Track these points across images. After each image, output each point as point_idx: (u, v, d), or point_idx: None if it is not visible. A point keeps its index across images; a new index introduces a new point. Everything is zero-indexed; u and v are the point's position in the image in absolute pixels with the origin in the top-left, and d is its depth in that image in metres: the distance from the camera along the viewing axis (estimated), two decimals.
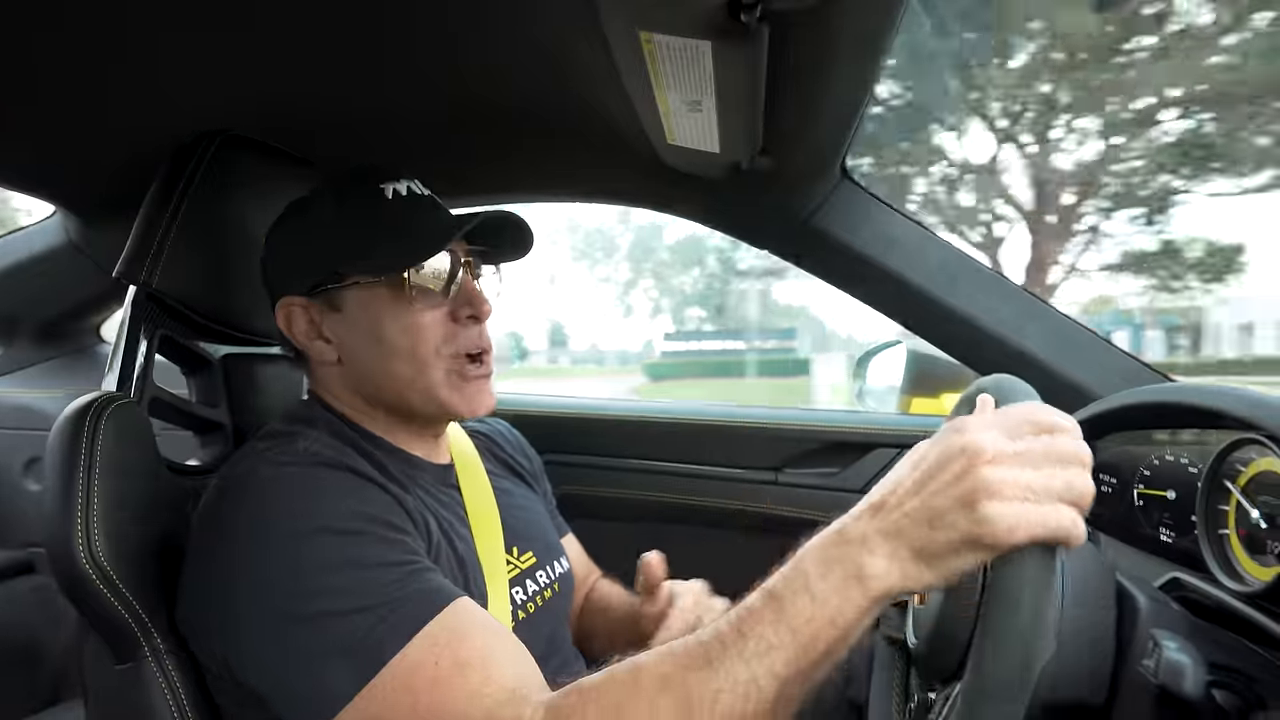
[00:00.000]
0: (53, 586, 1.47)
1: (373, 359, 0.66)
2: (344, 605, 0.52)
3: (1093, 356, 0.95)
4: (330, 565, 0.53)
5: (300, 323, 0.67)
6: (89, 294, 1.35)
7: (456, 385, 0.66)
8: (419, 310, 0.65)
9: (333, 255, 0.65)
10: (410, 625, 0.52)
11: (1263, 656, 0.54)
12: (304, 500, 0.56)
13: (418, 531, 0.60)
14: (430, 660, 0.51)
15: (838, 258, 1.01)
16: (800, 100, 0.75)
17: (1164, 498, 0.73)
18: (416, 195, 0.68)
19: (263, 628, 0.53)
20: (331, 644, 0.51)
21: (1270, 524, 0.59)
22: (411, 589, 0.53)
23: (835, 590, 0.45)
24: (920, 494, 0.45)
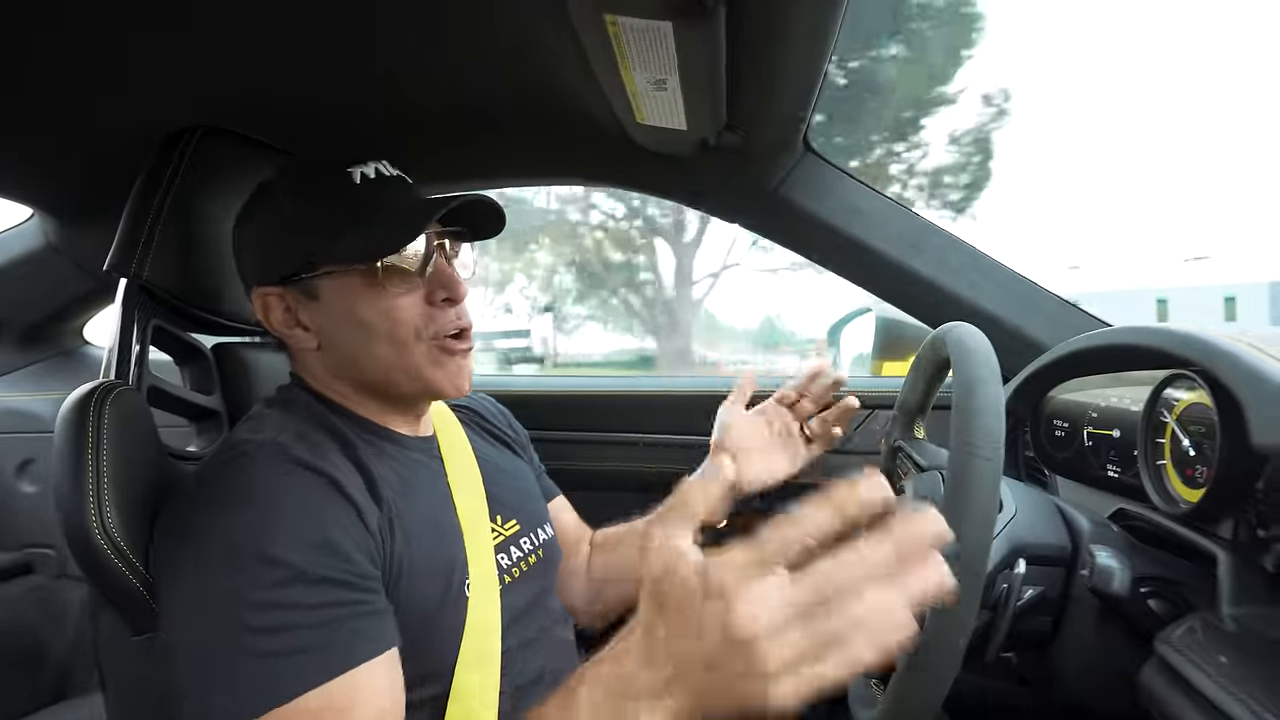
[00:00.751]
0: (51, 587, 1.49)
1: (353, 344, 0.66)
2: (253, 644, 0.51)
3: (1046, 312, 1.00)
4: (258, 599, 0.52)
5: (277, 312, 0.67)
6: (71, 295, 1.36)
7: (440, 362, 0.67)
8: (394, 295, 0.64)
9: (303, 244, 0.65)
10: (304, 681, 0.51)
11: (1192, 569, 0.60)
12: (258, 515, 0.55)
13: (375, 541, 0.59)
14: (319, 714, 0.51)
15: (804, 228, 1.05)
16: (760, 76, 0.79)
17: (1110, 436, 0.79)
18: (385, 177, 0.67)
19: (186, 625, 0.55)
20: (227, 672, 0.51)
21: (1199, 451, 0.64)
22: (329, 638, 0.53)
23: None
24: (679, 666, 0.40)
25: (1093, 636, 0.60)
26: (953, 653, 0.49)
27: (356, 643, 0.54)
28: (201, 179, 0.78)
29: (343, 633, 0.54)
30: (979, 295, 1.02)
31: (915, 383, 0.80)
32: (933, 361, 0.76)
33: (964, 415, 0.52)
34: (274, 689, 0.51)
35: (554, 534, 0.83)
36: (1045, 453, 0.90)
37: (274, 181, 0.69)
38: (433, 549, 0.65)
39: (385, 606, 0.58)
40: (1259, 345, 0.55)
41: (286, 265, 0.65)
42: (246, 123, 0.84)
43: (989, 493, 0.50)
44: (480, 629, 0.65)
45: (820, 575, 0.37)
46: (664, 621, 0.40)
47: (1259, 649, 0.49)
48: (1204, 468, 0.63)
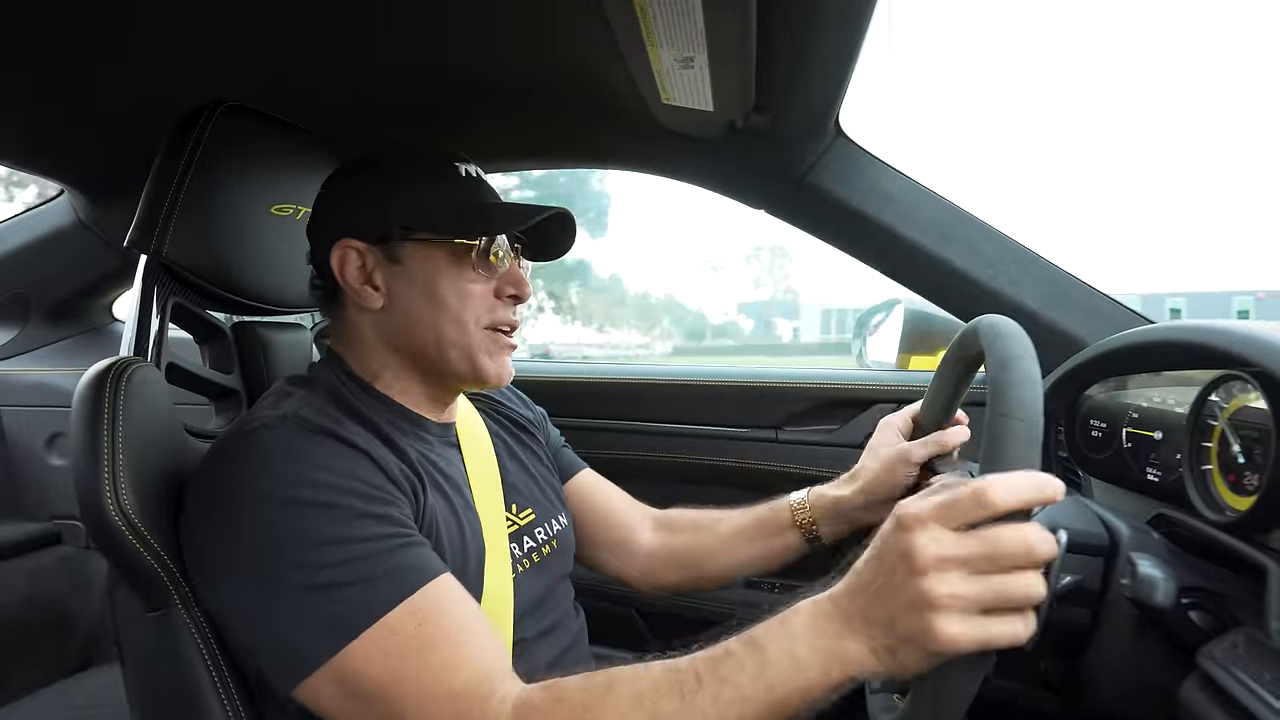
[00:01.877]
0: (80, 557, 1.53)
1: (421, 312, 0.68)
2: (320, 579, 0.53)
3: (1084, 305, 0.96)
4: (308, 540, 0.54)
5: (353, 266, 0.69)
6: (100, 272, 1.38)
7: (491, 352, 0.70)
8: (472, 279, 0.68)
9: (406, 210, 0.68)
10: (391, 597, 0.53)
11: (1237, 581, 0.56)
12: (278, 466, 0.57)
13: (405, 497, 0.61)
14: (410, 627, 0.53)
15: (833, 215, 1.02)
16: (792, 54, 0.76)
17: (1151, 438, 0.75)
18: (482, 179, 0.72)
19: (239, 592, 0.57)
20: (307, 615, 0.53)
21: (1248, 457, 0.61)
22: (393, 563, 0.55)
23: (818, 662, 0.46)
24: (873, 590, 0.46)
25: (1129, 646, 0.57)
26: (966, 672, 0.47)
27: (422, 562, 0.57)
28: (222, 156, 0.78)
29: (405, 555, 0.56)
30: (1014, 288, 0.98)
31: (940, 388, 0.77)
32: (960, 360, 0.73)
33: (998, 388, 0.50)
34: (362, 611, 0.53)
35: (569, 523, 0.82)
36: (1080, 454, 0.87)
37: (380, 155, 0.72)
38: (451, 534, 0.65)
39: (427, 542, 0.60)
40: None
41: (382, 225, 0.68)
42: (269, 100, 0.84)
43: (1027, 455, 0.47)
44: (493, 618, 0.64)
45: (991, 540, 0.43)
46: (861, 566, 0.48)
47: None
48: (1255, 474, 0.60)
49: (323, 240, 0.70)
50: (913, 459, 0.79)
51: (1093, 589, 0.58)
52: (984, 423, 0.50)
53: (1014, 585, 0.43)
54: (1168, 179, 26.53)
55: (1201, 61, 78.91)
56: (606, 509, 0.91)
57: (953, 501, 0.44)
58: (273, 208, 0.83)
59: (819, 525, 0.85)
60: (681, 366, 1.35)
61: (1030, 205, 18.20)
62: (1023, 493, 0.44)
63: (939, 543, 0.44)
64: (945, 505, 0.45)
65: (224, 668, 0.64)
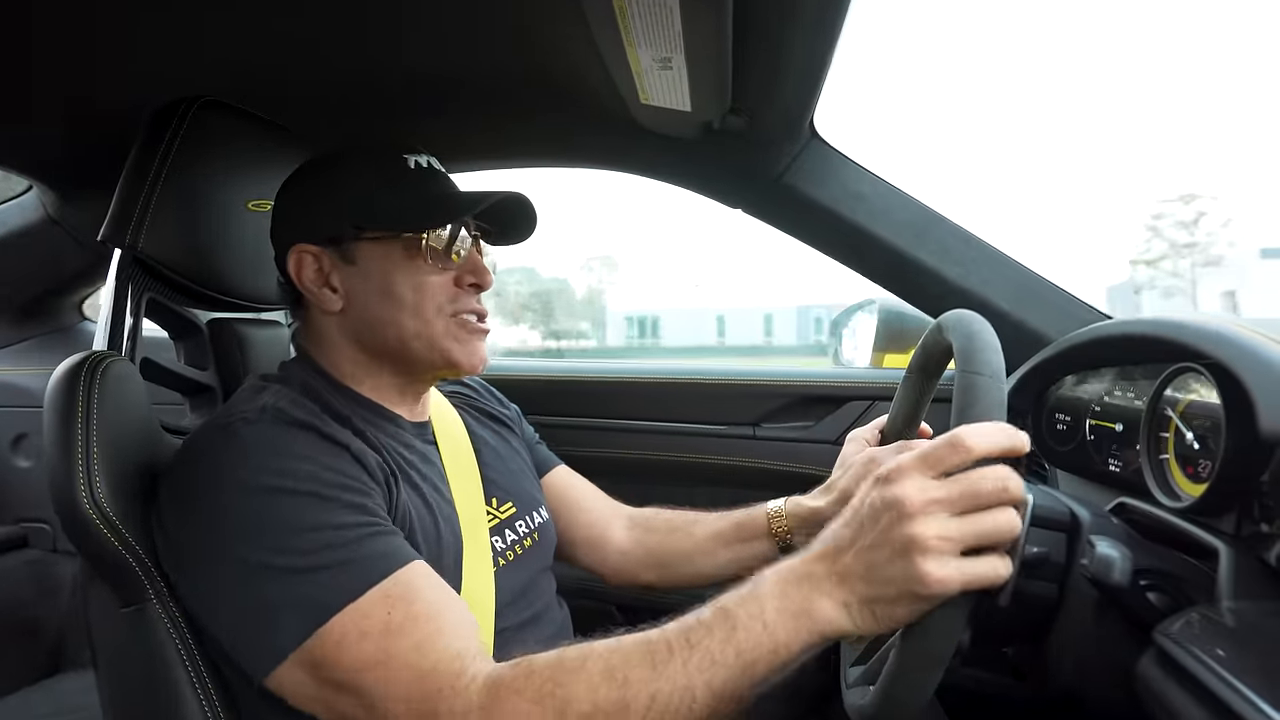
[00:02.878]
0: (47, 561, 1.50)
1: (380, 311, 0.68)
2: (296, 564, 0.54)
3: (1051, 304, 0.99)
4: (285, 526, 0.55)
5: (310, 270, 0.69)
6: (69, 269, 1.35)
7: (459, 338, 0.69)
8: (428, 271, 0.68)
9: (354, 209, 0.68)
10: (362, 582, 0.54)
11: (1192, 564, 0.59)
12: (259, 457, 0.57)
13: (379, 489, 0.62)
14: (381, 612, 0.53)
15: (808, 215, 1.04)
16: (767, 57, 0.77)
17: (1113, 430, 0.78)
18: (435, 169, 0.72)
19: (214, 581, 0.57)
20: (279, 600, 0.54)
21: (1203, 445, 0.63)
22: (365, 550, 0.55)
23: (787, 624, 0.48)
24: (857, 547, 0.48)
25: (1090, 627, 0.59)
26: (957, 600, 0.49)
27: (393, 549, 0.57)
28: (198, 151, 0.78)
29: (377, 543, 0.57)
30: (984, 287, 1.00)
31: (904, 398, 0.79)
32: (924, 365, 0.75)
33: (966, 354, 0.54)
34: (337, 591, 0.53)
35: (549, 517, 0.83)
36: (1046, 446, 0.90)
37: (330, 155, 0.73)
38: (428, 529, 0.65)
39: (400, 532, 0.60)
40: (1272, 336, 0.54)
41: (333, 227, 0.69)
42: (244, 96, 0.83)
43: (995, 409, 0.50)
44: (473, 611, 0.64)
45: (972, 480, 0.46)
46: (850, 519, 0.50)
47: (1258, 642, 0.49)
48: (1208, 462, 0.62)
49: (281, 246, 0.71)
50: (880, 461, 0.80)
51: (1058, 562, 0.60)
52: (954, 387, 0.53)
53: (995, 521, 0.46)
54: None
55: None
56: (580, 505, 0.92)
57: (930, 450, 0.48)
58: (250, 203, 0.83)
59: (794, 535, 0.85)
60: (658, 364, 1.37)
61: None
62: (995, 437, 0.47)
63: (924, 488, 0.46)
64: (924, 454, 0.48)
65: (200, 664, 0.63)
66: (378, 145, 0.72)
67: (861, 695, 0.59)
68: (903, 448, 0.81)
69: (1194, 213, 23.20)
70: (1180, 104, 67.91)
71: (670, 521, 0.93)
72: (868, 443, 0.84)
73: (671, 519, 0.93)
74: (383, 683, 0.52)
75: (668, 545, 0.90)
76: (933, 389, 0.78)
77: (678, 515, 0.93)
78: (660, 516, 0.94)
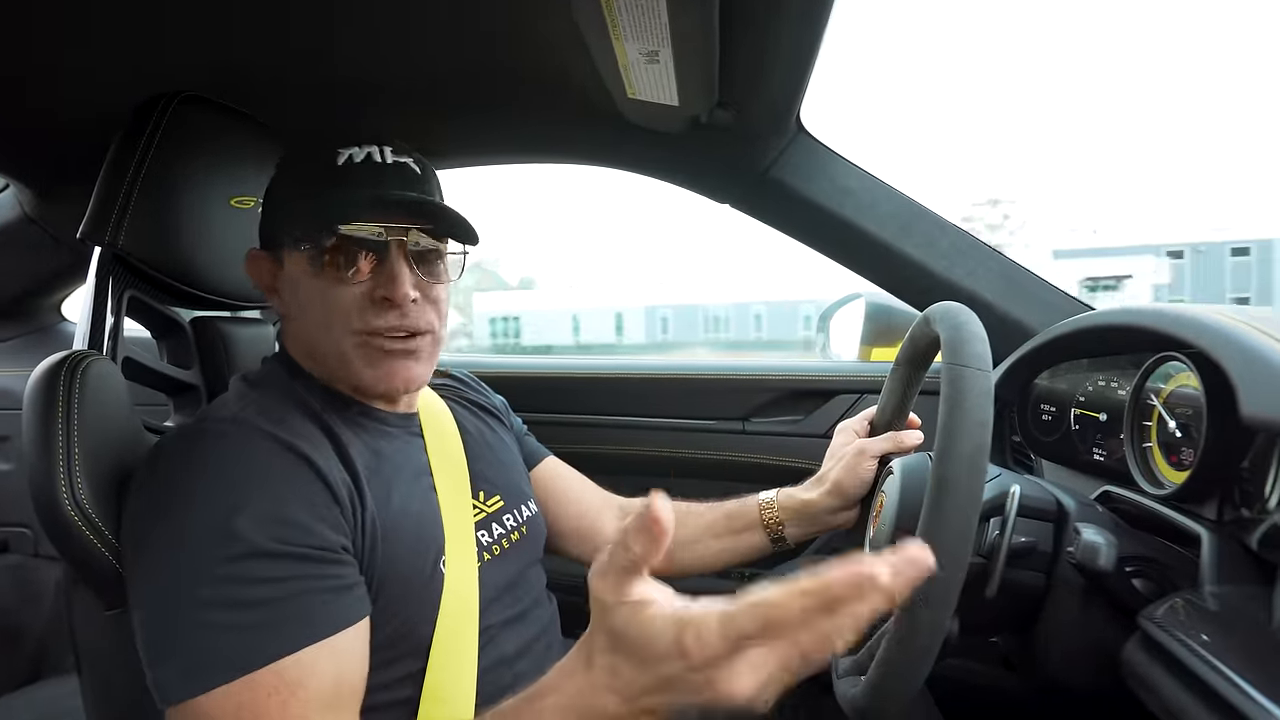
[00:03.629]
0: (28, 566, 1.47)
1: (302, 320, 0.67)
2: (207, 618, 0.51)
3: (1036, 297, 1.00)
4: (214, 565, 0.52)
5: (262, 274, 0.69)
6: (48, 269, 1.33)
7: (371, 359, 0.65)
8: (331, 283, 0.63)
9: (278, 215, 0.67)
10: (269, 650, 0.51)
11: (1176, 550, 0.60)
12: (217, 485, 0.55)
13: (341, 510, 0.59)
14: (263, 694, 0.50)
15: (795, 210, 1.04)
16: (754, 50, 0.77)
17: (1097, 420, 0.79)
18: (375, 163, 0.65)
19: (138, 588, 0.55)
20: (181, 643, 0.52)
21: (1185, 433, 0.64)
22: (286, 612, 0.52)
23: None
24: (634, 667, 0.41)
25: (1077, 615, 0.60)
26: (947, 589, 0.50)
27: (315, 619, 0.54)
28: (179, 147, 0.76)
29: (300, 608, 0.53)
30: (970, 279, 1.01)
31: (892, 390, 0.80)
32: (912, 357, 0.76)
33: (952, 346, 0.54)
34: (227, 662, 0.51)
35: (538, 510, 0.82)
36: (1031, 436, 0.91)
37: (287, 151, 0.72)
38: (407, 525, 0.64)
39: (353, 579, 0.58)
40: (1252, 323, 0.54)
41: (268, 230, 0.69)
42: (225, 92, 0.82)
43: (983, 398, 0.51)
44: (457, 606, 0.64)
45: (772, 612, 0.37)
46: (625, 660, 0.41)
47: (1240, 625, 0.49)
48: (1190, 450, 0.63)
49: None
50: (870, 452, 0.81)
51: (1045, 551, 0.61)
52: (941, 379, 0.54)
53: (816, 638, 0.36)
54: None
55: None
56: (569, 496, 0.92)
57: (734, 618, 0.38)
58: (233, 200, 0.82)
59: (785, 526, 0.86)
60: (647, 360, 1.37)
61: None
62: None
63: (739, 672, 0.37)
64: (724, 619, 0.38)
65: None
66: (314, 140, 0.67)
67: (852, 685, 0.60)
68: (894, 439, 0.82)
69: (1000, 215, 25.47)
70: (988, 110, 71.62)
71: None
72: (857, 434, 0.85)
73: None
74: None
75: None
76: (920, 380, 0.78)
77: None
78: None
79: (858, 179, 1.02)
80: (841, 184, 1.02)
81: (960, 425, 0.51)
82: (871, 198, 1.02)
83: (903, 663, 0.51)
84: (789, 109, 0.93)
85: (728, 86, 0.84)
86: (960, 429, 0.51)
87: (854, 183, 1.02)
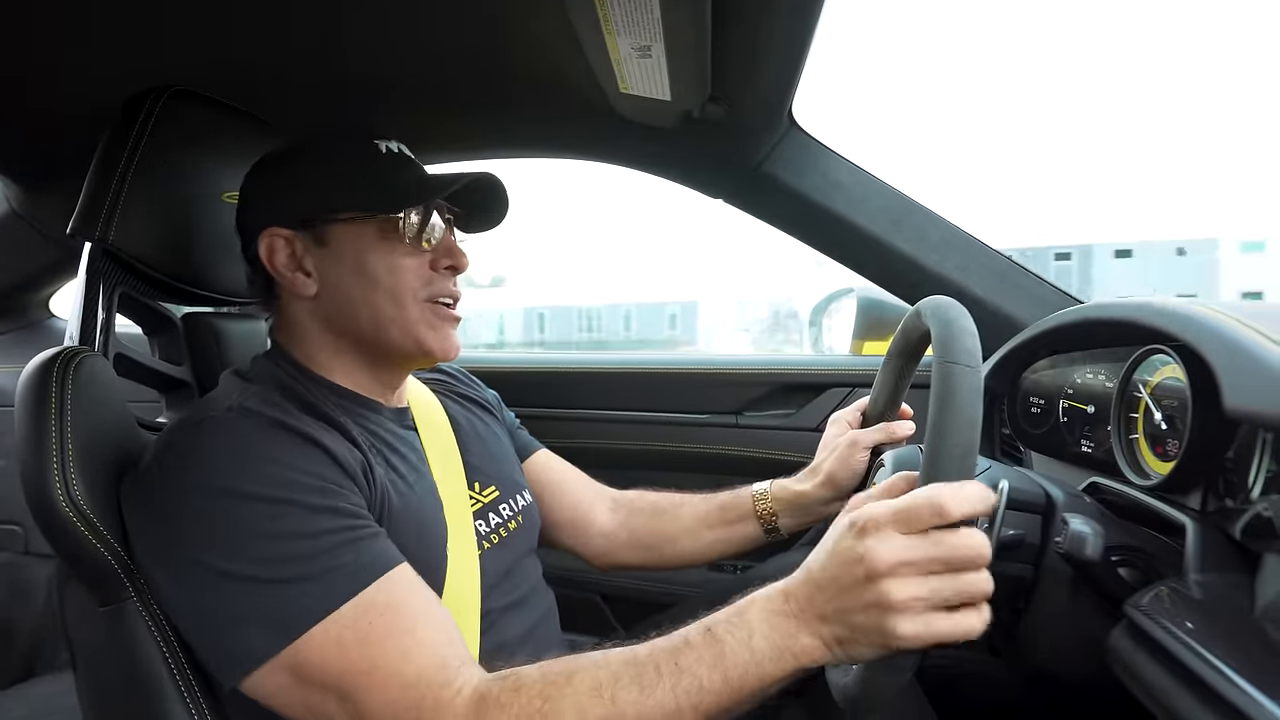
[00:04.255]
0: (19, 563, 1.46)
1: (354, 293, 0.67)
2: (261, 574, 0.53)
3: (1026, 290, 1.01)
4: (257, 534, 0.54)
5: (282, 254, 0.68)
6: (36, 265, 1.32)
7: (433, 324, 0.69)
8: (404, 253, 0.67)
9: (328, 191, 0.67)
10: (342, 592, 0.53)
11: (1161, 540, 0.61)
12: (226, 459, 0.56)
13: (356, 485, 0.61)
14: (363, 622, 0.53)
15: (787, 204, 1.05)
16: (746, 45, 0.77)
17: (1085, 412, 0.80)
18: (406, 155, 0.71)
19: (183, 584, 0.56)
20: (255, 609, 0.53)
21: (1170, 425, 0.65)
22: (344, 558, 0.55)
23: (771, 654, 0.49)
24: (830, 592, 0.48)
25: (1064, 605, 0.61)
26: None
27: (375, 554, 0.56)
28: (170, 141, 0.76)
29: (357, 550, 0.55)
30: (961, 273, 1.02)
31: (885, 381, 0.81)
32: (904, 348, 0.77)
33: (943, 342, 0.55)
34: (308, 608, 0.52)
35: (533, 500, 0.83)
36: (1020, 429, 0.92)
37: (299, 141, 0.72)
38: (411, 513, 0.65)
39: (382, 531, 0.59)
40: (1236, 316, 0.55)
41: (306, 209, 0.68)
42: (217, 86, 0.82)
43: (973, 395, 0.51)
44: (459, 594, 0.65)
45: (947, 545, 0.46)
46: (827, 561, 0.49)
47: (1224, 613, 0.50)
48: (1175, 441, 0.64)
49: (251, 232, 0.70)
50: (863, 443, 0.82)
51: (1033, 544, 0.62)
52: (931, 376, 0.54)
53: (967, 583, 0.46)
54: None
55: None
56: (561, 488, 0.92)
57: (908, 507, 0.47)
58: (225, 195, 0.81)
59: (779, 517, 0.87)
60: (639, 355, 1.37)
61: None
62: (973, 502, 0.47)
63: (895, 548, 0.46)
64: (901, 511, 0.47)
65: (183, 659, 0.62)
66: (348, 131, 0.71)
67: (844, 674, 0.61)
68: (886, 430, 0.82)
69: None
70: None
71: (655, 504, 0.94)
72: (849, 425, 0.86)
73: (656, 501, 0.94)
74: (367, 689, 0.52)
75: (652, 527, 0.91)
76: (912, 371, 0.79)
77: (662, 497, 0.94)
78: (644, 499, 0.95)
79: (849, 174, 1.03)
80: (833, 178, 1.02)
81: (950, 424, 0.51)
82: (863, 192, 1.02)
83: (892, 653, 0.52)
84: (781, 104, 0.93)
85: (719, 81, 0.84)
86: (950, 427, 0.51)
87: (845, 177, 1.02)
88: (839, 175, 1.02)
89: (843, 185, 1.02)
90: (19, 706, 1.34)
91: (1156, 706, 0.48)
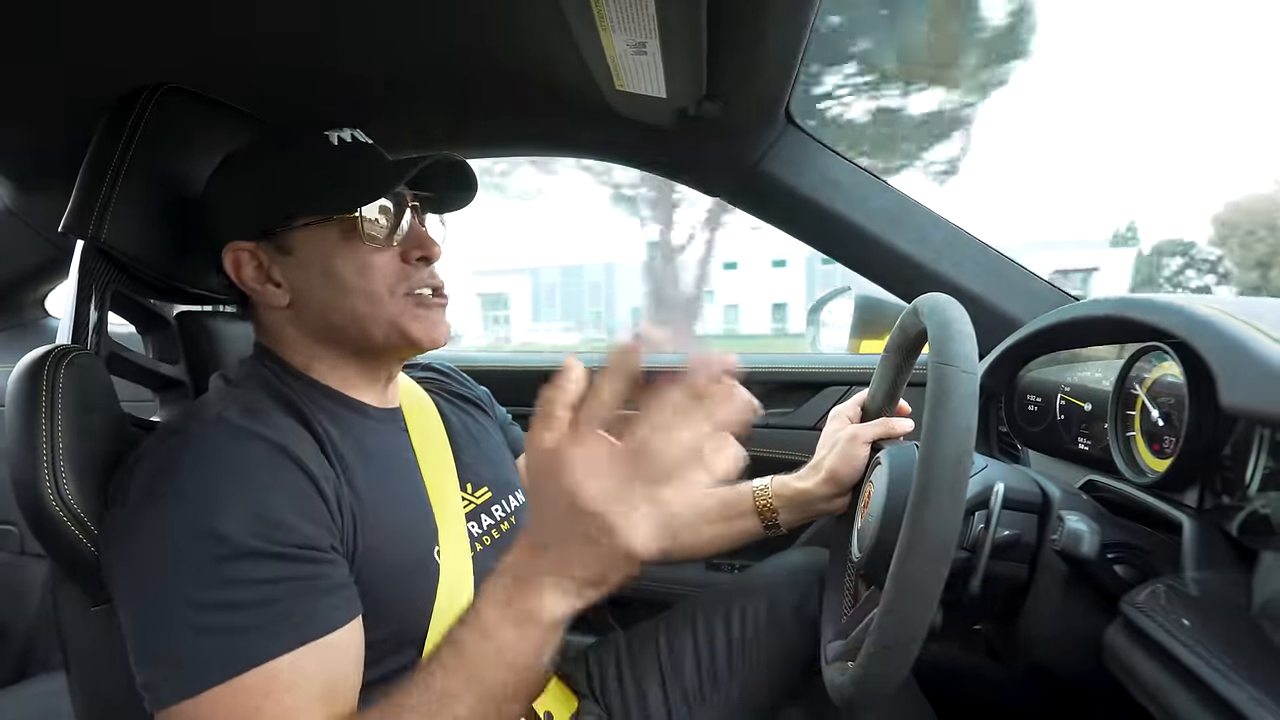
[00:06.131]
0: (12, 563, 1.46)
1: (328, 299, 0.66)
2: (195, 618, 0.51)
3: (1023, 288, 1.01)
4: (201, 567, 0.52)
5: (248, 268, 0.67)
6: (30, 264, 1.31)
7: (416, 315, 0.67)
8: (370, 250, 0.65)
9: (282, 198, 0.65)
10: (258, 653, 0.51)
11: (1158, 537, 0.61)
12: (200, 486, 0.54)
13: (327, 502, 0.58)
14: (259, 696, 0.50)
15: (785, 202, 1.04)
16: (741, 42, 0.77)
17: (1082, 409, 0.80)
18: (360, 143, 0.69)
19: (122, 592, 0.55)
20: (170, 647, 0.51)
21: (1167, 422, 0.65)
22: (273, 614, 0.52)
23: (513, 633, 0.46)
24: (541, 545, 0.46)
25: (1060, 602, 0.61)
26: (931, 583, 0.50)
27: (306, 620, 0.53)
28: (162, 139, 0.75)
29: (289, 610, 0.53)
30: (958, 271, 1.02)
31: (883, 376, 0.81)
32: (902, 344, 0.77)
33: (939, 344, 0.55)
34: (218, 665, 0.50)
35: (526, 501, 0.82)
36: (1018, 426, 0.91)
37: (251, 144, 0.70)
38: (398, 517, 0.64)
39: (342, 579, 0.57)
40: (1233, 312, 0.55)
41: (263, 219, 0.66)
42: (209, 84, 0.81)
43: (967, 401, 0.51)
44: (452, 596, 0.64)
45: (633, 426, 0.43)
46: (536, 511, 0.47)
47: (1221, 610, 0.50)
48: (1172, 439, 0.64)
49: (214, 245, 0.68)
50: (863, 438, 0.82)
51: (1029, 543, 0.62)
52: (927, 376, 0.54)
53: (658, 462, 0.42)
54: None
55: None
56: None
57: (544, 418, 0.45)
58: None
59: (779, 513, 0.87)
60: None
61: None
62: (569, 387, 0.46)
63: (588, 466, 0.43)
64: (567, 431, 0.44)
65: None
66: (296, 126, 0.69)
67: (840, 673, 0.60)
68: (886, 425, 0.82)
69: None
70: None
71: None
72: (850, 419, 0.85)
73: None
74: None
75: None
76: (911, 366, 0.79)
77: None
78: None
79: (847, 172, 1.02)
80: (831, 177, 1.02)
81: (944, 429, 0.51)
82: (861, 190, 1.02)
83: (888, 652, 0.52)
84: (777, 102, 0.93)
85: (715, 79, 0.84)
86: (944, 433, 0.51)
87: (843, 176, 1.02)
88: (837, 174, 1.02)
89: (841, 184, 1.02)
90: (14, 707, 1.33)
91: (1153, 704, 0.48)
